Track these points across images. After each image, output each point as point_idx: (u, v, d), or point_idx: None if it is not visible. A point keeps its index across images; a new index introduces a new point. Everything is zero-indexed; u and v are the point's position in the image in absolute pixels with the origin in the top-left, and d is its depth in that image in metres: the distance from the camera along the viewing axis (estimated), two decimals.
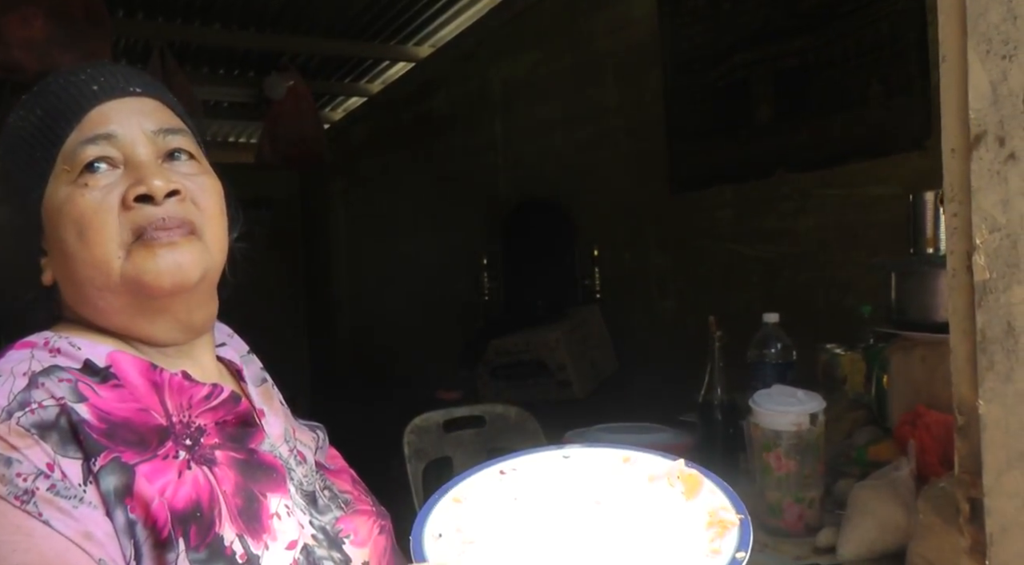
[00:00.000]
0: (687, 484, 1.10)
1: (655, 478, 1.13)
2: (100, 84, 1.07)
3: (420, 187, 5.53)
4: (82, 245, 1.01)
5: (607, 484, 1.14)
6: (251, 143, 7.25)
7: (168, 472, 0.95)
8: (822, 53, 2.64)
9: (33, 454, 0.89)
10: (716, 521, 1.02)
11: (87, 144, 1.03)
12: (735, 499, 1.05)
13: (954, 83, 0.85)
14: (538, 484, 1.16)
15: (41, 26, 3.67)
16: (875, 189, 2.52)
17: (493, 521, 1.08)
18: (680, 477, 1.12)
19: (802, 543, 1.70)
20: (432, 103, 5.44)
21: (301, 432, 1.23)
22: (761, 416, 1.75)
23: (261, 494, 1.02)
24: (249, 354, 1.29)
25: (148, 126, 1.07)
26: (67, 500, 0.88)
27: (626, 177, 3.66)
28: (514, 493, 1.14)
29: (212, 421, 1.05)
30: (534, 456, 1.19)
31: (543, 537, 1.05)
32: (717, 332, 2.10)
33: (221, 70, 6.02)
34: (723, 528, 1.00)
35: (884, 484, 1.61)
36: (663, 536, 1.03)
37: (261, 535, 0.98)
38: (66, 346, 1.02)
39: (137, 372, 1.03)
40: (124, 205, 1.01)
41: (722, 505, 1.05)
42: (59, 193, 1.03)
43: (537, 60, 4.28)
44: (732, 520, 1.01)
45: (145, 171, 1.03)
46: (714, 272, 3.18)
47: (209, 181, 1.10)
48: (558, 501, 1.12)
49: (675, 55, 3.27)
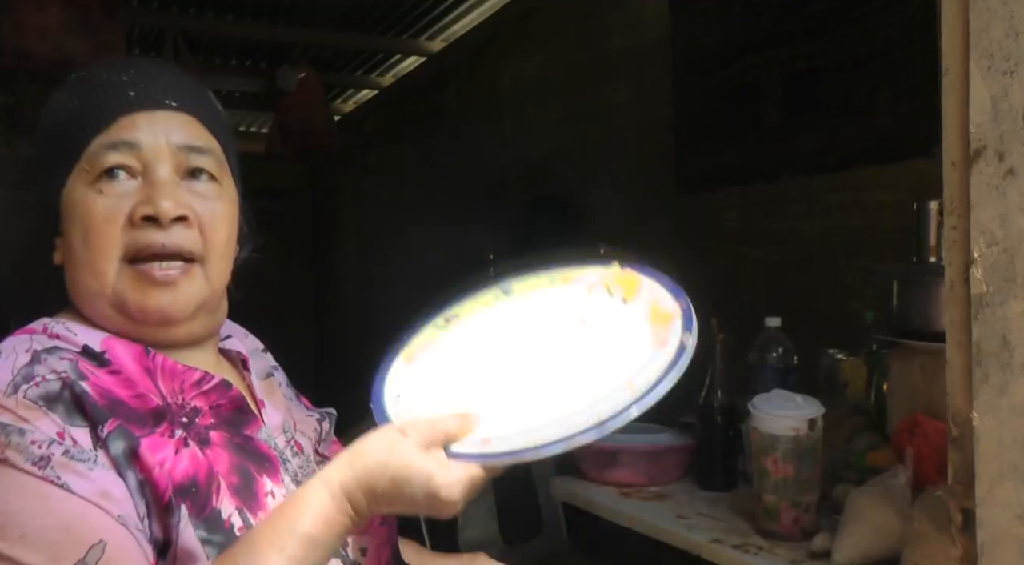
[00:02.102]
0: (625, 286, 1.12)
1: (593, 287, 1.15)
2: (138, 91, 1.08)
3: (429, 181, 5.53)
4: (85, 250, 1.04)
5: (549, 305, 1.16)
6: (262, 133, 7.26)
7: (165, 448, 0.98)
8: (832, 57, 2.63)
9: (43, 424, 0.91)
10: (659, 314, 1.04)
11: (109, 150, 1.05)
12: (675, 289, 1.08)
13: (955, 97, 0.85)
14: (482, 323, 1.18)
15: (56, 13, 3.69)
16: (882, 195, 2.52)
17: (445, 370, 1.11)
18: (618, 281, 1.13)
19: (798, 547, 1.71)
20: (442, 98, 5.44)
21: (303, 424, 1.24)
22: (760, 420, 1.76)
23: (256, 473, 1.04)
24: (264, 352, 1.32)
25: (174, 140, 1.07)
26: (82, 463, 0.91)
27: (634, 176, 3.66)
28: (460, 339, 1.16)
29: (206, 405, 1.07)
30: (475, 298, 1.22)
31: (494, 370, 1.08)
32: (719, 334, 2.10)
33: (233, 61, 6.03)
34: (666, 320, 1.02)
35: (881, 491, 1.61)
36: (610, 343, 1.04)
37: (257, 511, 1.00)
38: (64, 331, 1.04)
39: (131, 358, 1.05)
40: (130, 222, 1.03)
41: (661, 298, 1.07)
42: (76, 191, 1.05)
43: (547, 57, 4.28)
44: (673, 310, 1.03)
45: (158, 190, 1.04)
46: (719, 273, 3.18)
47: (223, 207, 1.11)
48: (504, 335, 1.14)
49: (685, 55, 3.26)
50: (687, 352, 0.95)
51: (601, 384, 0.96)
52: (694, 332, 0.98)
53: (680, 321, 1.01)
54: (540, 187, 4.29)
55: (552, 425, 0.93)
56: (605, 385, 0.96)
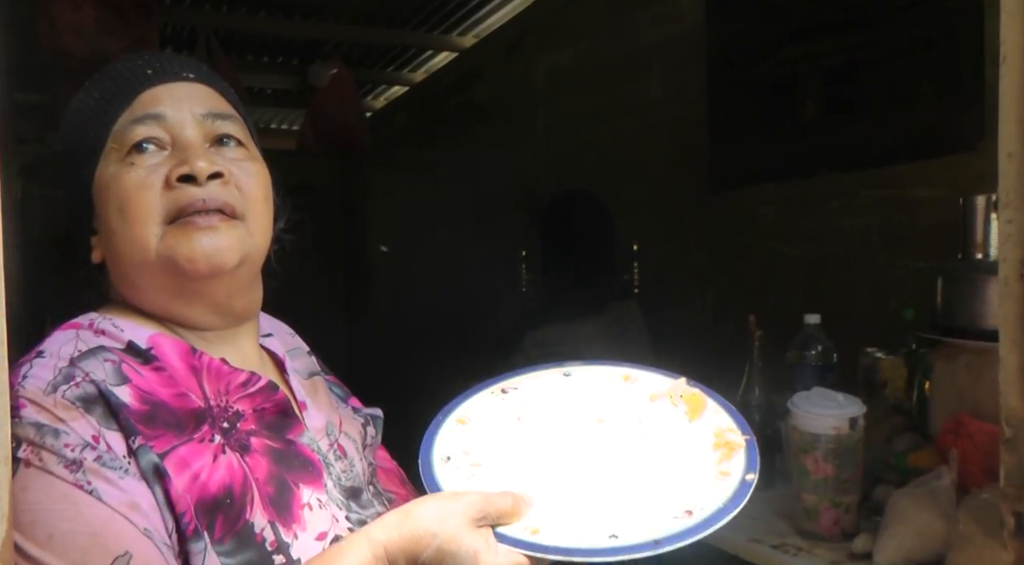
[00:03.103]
0: (690, 404, 1.11)
1: (657, 397, 1.13)
2: (155, 68, 1.10)
3: (459, 177, 5.52)
4: (123, 222, 1.03)
5: (609, 402, 1.14)
6: (293, 130, 7.29)
7: (203, 455, 0.97)
8: (872, 50, 2.59)
9: (79, 426, 0.91)
10: (723, 443, 1.03)
11: (136, 124, 1.06)
12: (740, 420, 1.07)
13: (1014, 85, 0.82)
14: (540, 403, 1.16)
15: (90, 11, 3.70)
16: (923, 191, 2.48)
17: (498, 442, 1.09)
18: (683, 396, 1.12)
19: (838, 548, 1.68)
20: (474, 93, 5.43)
21: (349, 425, 1.23)
22: (800, 418, 1.73)
23: (294, 484, 1.03)
24: (309, 355, 1.30)
25: (197, 110, 1.09)
26: (113, 471, 0.90)
27: (667, 172, 3.63)
28: (516, 412, 1.14)
29: (250, 408, 1.06)
30: (535, 374, 1.21)
31: (549, 457, 1.05)
32: (757, 331, 2.08)
33: (265, 58, 6.05)
34: (730, 450, 1.01)
35: (924, 492, 1.58)
36: (670, 458, 1.03)
37: (291, 524, 0.99)
38: (110, 327, 1.04)
39: (177, 355, 1.04)
40: (167, 184, 1.03)
41: (728, 426, 1.06)
42: (107, 171, 1.05)
43: (580, 52, 4.25)
44: (739, 441, 1.02)
45: (190, 152, 1.04)
46: (754, 270, 3.15)
47: (255, 167, 1.11)
48: (561, 420, 1.12)
49: (721, 49, 3.23)
50: (749, 490, 0.94)
51: (659, 502, 0.95)
52: (757, 470, 0.98)
53: (744, 455, 1.01)
54: (572, 182, 4.26)
55: (606, 531, 0.91)
56: (664, 505, 0.95)
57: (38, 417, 0.90)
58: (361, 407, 1.32)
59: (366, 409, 1.32)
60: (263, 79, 6.27)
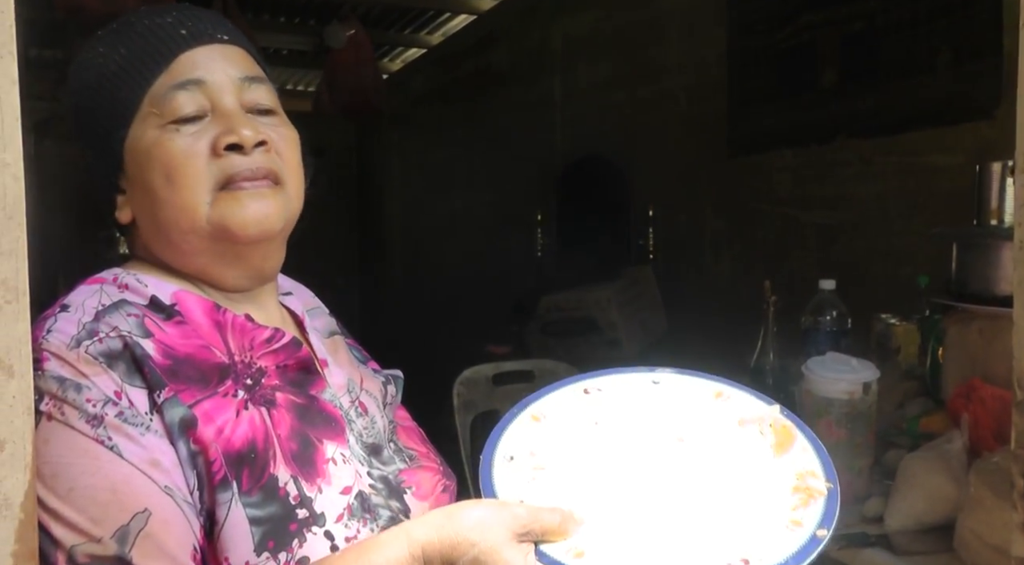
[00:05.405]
0: (779, 437, 1.04)
1: (746, 422, 1.07)
2: (188, 29, 1.08)
3: (476, 141, 5.52)
4: (170, 189, 1.03)
5: (694, 420, 1.07)
6: (309, 91, 7.26)
7: (227, 410, 0.98)
8: (891, 16, 2.58)
9: (101, 381, 0.92)
10: (803, 487, 0.96)
11: (177, 89, 1.05)
12: (827, 463, 0.98)
13: None
14: (622, 409, 1.09)
15: None
16: (939, 158, 2.48)
17: (568, 446, 1.03)
18: (772, 427, 1.05)
19: (849, 511, 1.69)
20: (491, 57, 5.41)
21: (370, 383, 1.24)
22: (814, 383, 1.74)
23: (317, 440, 1.04)
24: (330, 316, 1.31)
25: (234, 74, 1.09)
26: (135, 427, 0.91)
27: (684, 138, 3.62)
28: (596, 416, 1.08)
29: (273, 364, 1.07)
30: (622, 376, 1.14)
31: (615, 472, 1.00)
32: (772, 296, 2.09)
33: (282, 17, 6.02)
34: (809, 496, 0.94)
35: (935, 456, 1.60)
36: (744, 491, 0.97)
37: (315, 478, 1.00)
38: (134, 282, 1.05)
39: (201, 311, 1.05)
40: (214, 152, 1.03)
41: (812, 469, 0.98)
42: (146, 136, 1.05)
43: (599, 16, 4.23)
44: (820, 489, 0.95)
45: (235, 121, 1.05)
46: (770, 236, 3.15)
47: (289, 133, 1.12)
48: (640, 432, 1.05)
49: (740, 15, 3.21)
50: (817, 549, 0.87)
51: (717, 544, 0.89)
52: (832, 527, 0.90)
53: (823, 505, 0.93)
54: (588, 147, 4.26)
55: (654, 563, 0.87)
56: (721, 547, 0.89)
57: (61, 371, 0.91)
58: (380, 369, 1.33)
59: (386, 370, 1.33)
60: (279, 39, 6.23)
